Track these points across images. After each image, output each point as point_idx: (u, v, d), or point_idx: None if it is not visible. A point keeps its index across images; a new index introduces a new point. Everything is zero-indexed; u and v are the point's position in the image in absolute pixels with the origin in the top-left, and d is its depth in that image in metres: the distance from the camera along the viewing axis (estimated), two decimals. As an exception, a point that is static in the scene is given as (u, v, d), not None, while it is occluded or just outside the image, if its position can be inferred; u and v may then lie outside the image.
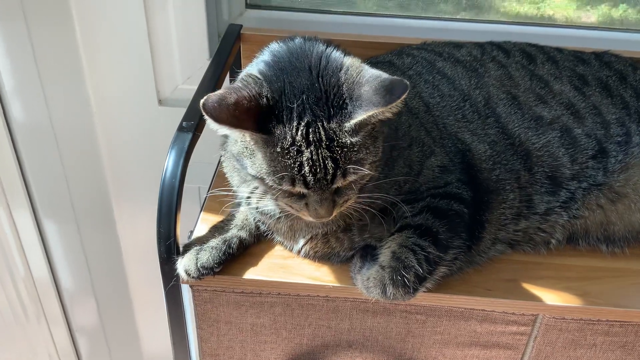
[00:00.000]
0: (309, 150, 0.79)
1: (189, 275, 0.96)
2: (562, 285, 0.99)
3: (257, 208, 0.97)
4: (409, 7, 1.48)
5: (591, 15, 1.50)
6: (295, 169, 0.80)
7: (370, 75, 0.81)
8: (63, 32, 1.39)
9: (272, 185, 0.83)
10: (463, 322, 1.02)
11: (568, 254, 1.05)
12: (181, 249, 0.98)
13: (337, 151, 0.80)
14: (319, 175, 0.80)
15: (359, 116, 0.79)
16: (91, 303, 1.92)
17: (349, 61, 0.84)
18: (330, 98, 0.81)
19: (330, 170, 0.80)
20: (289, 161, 0.80)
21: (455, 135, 1.01)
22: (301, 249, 1.00)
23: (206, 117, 0.78)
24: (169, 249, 0.96)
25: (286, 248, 1.03)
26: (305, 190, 0.83)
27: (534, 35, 1.40)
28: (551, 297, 0.97)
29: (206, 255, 0.96)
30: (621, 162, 1.03)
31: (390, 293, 0.90)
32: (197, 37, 1.38)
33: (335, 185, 0.83)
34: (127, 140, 1.56)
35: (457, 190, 0.97)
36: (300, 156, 0.80)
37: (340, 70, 0.82)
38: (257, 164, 0.83)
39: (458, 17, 1.47)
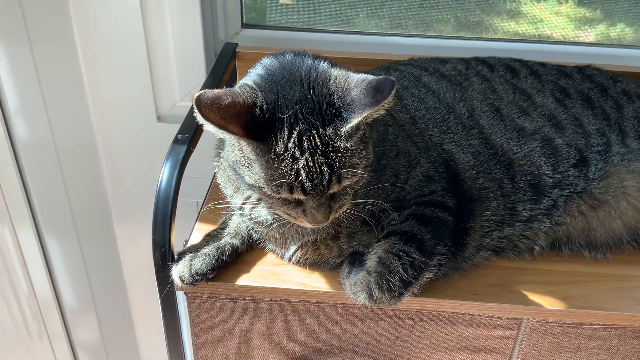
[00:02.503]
0: (304, 157, 0.83)
1: (183, 281, 0.99)
2: (545, 289, 1.02)
3: (250, 217, 1.00)
4: (409, 28, 1.52)
5: (589, 35, 1.55)
6: (293, 176, 0.83)
7: (357, 80, 0.85)
8: (65, 52, 1.44)
9: (270, 194, 0.87)
10: (450, 326, 1.05)
11: (551, 260, 1.09)
12: (176, 256, 1.02)
13: (332, 157, 0.84)
14: (315, 181, 0.84)
15: (355, 119, 0.83)
16: (92, 320, 1.95)
17: (336, 72, 0.88)
18: (323, 107, 0.85)
19: (326, 175, 0.84)
20: (285, 168, 0.83)
21: (440, 146, 1.05)
22: (292, 256, 1.03)
23: (195, 110, 0.80)
24: (163, 257, 1.00)
25: (277, 256, 1.06)
26: (303, 197, 0.86)
27: (530, 52, 1.45)
28: (534, 301, 1.00)
29: (200, 262, 0.99)
30: (601, 170, 1.07)
31: (377, 297, 0.93)
32: (194, 55, 1.43)
33: (331, 191, 0.86)
34: (127, 156, 1.60)
35: (442, 198, 1.00)
36: (296, 163, 0.83)
37: (329, 80, 0.86)
38: (254, 173, 0.86)
39: (454, 35, 1.52)
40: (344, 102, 0.85)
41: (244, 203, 1.00)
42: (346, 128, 0.84)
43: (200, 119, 0.82)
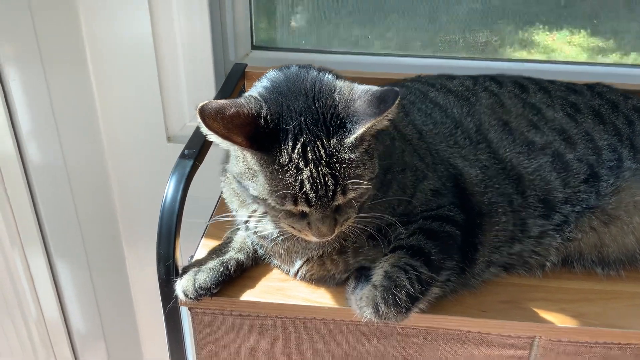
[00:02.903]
0: (308, 168, 0.82)
1: (186, 295, 0.98)
2: (557, 306, 1.00)
3: (255, 231, 0.99)
4: (417, 50, 1.52)
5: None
6: (297, 187, 0.83)
7: (362, 91, 0.85)
8: (78, 74, 1.46)
9: (274, 206, 0.86)
10: (460, 345, 1.02)
11: (563, 277, 1.06)
12: (180, 271, 1.01)
13: (337, 168, 0.83)
14: (320, 193, 0.83)
15: (359, 130, 0.82)
16: (101, 345, 1.93)
17: (341, 83, 0.88)
18: (327, 118, 0.84)
19: (330, 187, 0.83)
20: (289, 179, 0.83)
21: (447, 161, 1.04)
22: (297, 271, 1.02)
23: (199, 120, 0.80)
24: (167, 271, 0.99)
25: (283, 271, 1.05)
26: (307, 209, 0.85)
27: (539, 73, 1.43)
28: (546, 319, 0.97)
29: (204, 276, 0.98)
30: (613, 185, 1.05)
31: (383, 312, 0.91)
32: (204, 76, 1.44)
33: (335, 203, 0.85)
34: (138, 177, 1.60)
35: (450, 212, 0.99)
36: (300, 174, 0.82)
37: (334, 92, 0.86)
38: (259, 184, 0.85)
39: (463, 55, 1.52)
40: (348, 113, 0.84)
41: (249, 217, 0.99)
42: (350, 139, 0.83)
43: (204, 129, 0.81)
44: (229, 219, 1.02)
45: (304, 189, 0.83)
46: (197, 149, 1.07)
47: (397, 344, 1.03)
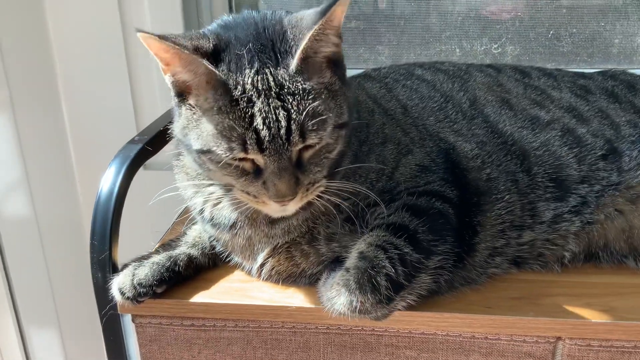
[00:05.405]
0: (260, 100, 0.70)
1: (123, 294, 0.81)
2: (582, 301, 0.80)
3: (211, 220, 0.84)
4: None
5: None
6: (246, 123, 0.70)
7: (312, 11, 0.74)
8: (51, 119, 1.40)
9: (220, 156, 0.72)
10: (464, 357, 0.82)
11: (588, 272, 0.87)
12: (120, 268, 0.84)
13: (289, 100, 0.70)
14: (272, 131, 0.69)
15: (299, 48, 0.71)
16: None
17: (294, 14, 0.76)
18: (276, 45, 0.73)
19: (283, 123, 0.70)
20: (238, 113, 0.70)
21: (437, 135, 0.89)
22: (261, 268, 0.85)
23: (146, 42, 0.70)
24: (103, 267, 0.83)
25: (245, 271, 0.87)
26: (260, 157, 0.71)
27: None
28: (570, 315, 0.78)
29: (145, 270, 0.81)
30: (637, 159, 0.88)
31: (358, 301, 0.73)
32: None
33: (293, 147, 0.71)
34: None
35: (440, 188, 0.83)
36: (251, 108, 0.70)
37: (284, 19, 0.76)
38: (203, 131, 0.73)
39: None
40: (295, 34, 0.73)
41: (205, 202, 0.84)
42: (295, 62, 0.71)
43: (154, 44, 0.70)
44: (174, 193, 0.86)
45: (254, 124, 0.69)
46: (149, 136, 0.93)
47: (387, 358, 0.83)
